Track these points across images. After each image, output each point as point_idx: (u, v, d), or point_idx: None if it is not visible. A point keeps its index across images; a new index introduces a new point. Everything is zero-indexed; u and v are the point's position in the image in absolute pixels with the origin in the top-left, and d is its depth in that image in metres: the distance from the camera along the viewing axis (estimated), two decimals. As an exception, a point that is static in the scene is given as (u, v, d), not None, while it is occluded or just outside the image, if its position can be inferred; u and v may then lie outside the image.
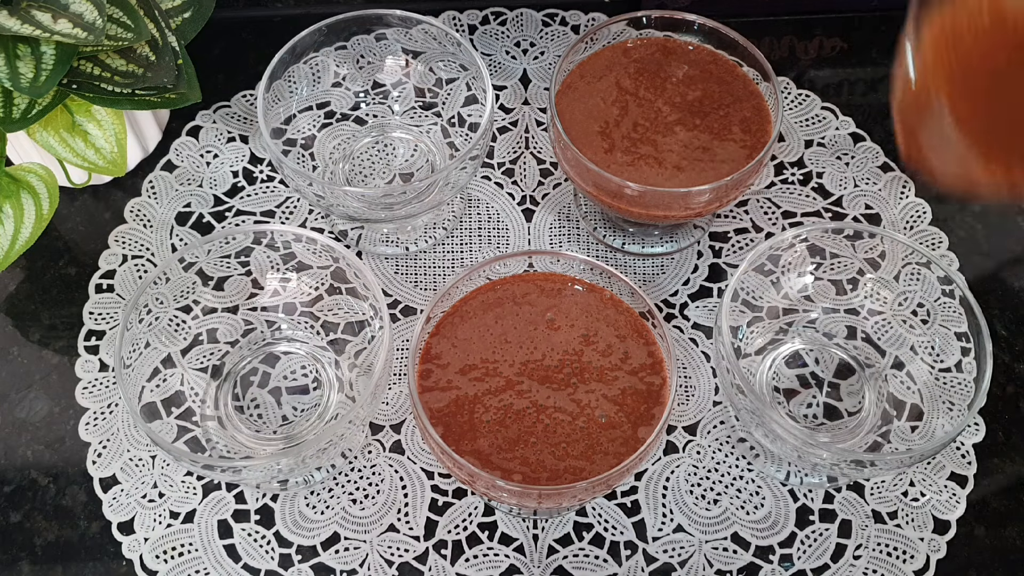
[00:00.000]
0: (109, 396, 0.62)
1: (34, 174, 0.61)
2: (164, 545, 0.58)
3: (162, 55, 0.59)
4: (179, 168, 0.70)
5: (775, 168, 0.70)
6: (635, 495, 0.59)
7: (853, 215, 0.69)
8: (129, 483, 0.59)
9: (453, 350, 0.55)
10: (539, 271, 0.58)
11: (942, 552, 0.58)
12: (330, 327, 0.62)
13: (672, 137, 0.62)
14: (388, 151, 0.70)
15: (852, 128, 0.72)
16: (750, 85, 0.64)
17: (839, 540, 0.58)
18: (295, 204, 0.69)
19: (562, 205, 0.69)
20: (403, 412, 0.62)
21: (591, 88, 0.64)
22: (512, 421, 0.53)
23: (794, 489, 0.59)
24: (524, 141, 0.72)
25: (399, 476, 0.60)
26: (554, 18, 0.77)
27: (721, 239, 0.68)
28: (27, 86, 0.54)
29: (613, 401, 0.54)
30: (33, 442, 0.61)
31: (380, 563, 0.57)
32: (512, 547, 0.58)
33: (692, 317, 0.65)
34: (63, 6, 0.54)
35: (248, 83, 0.74)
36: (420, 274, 0.67)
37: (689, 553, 0.58)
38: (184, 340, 0.60)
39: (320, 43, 0.66)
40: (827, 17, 0.77)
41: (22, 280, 0.67)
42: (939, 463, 0.60)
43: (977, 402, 0.53)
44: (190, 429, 0.58)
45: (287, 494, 0.59)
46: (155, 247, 0.67)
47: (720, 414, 0.62)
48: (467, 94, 0.68)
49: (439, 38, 0.66)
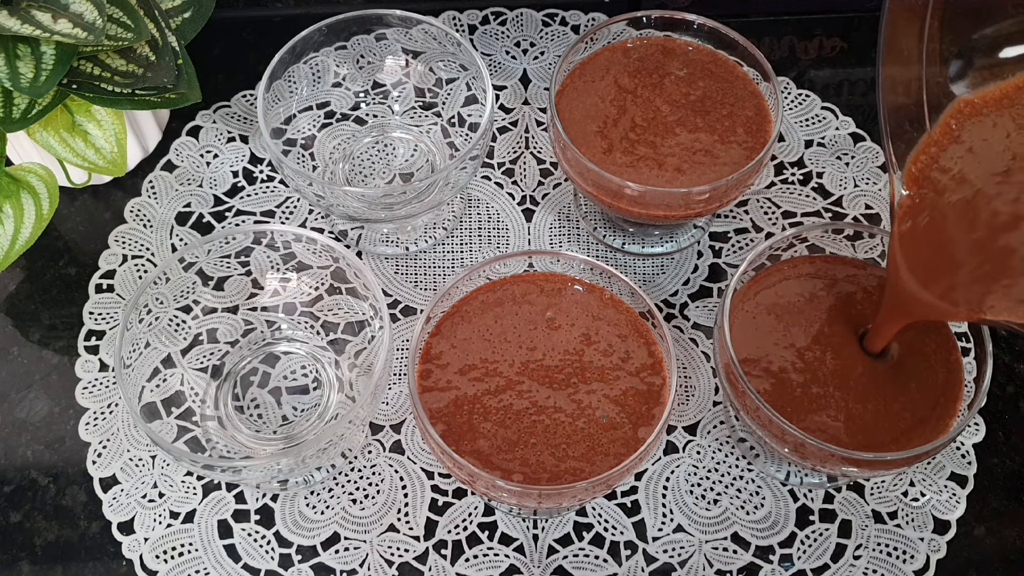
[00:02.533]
0: (109, 396, 0.62)
1: (34, 174, 0.61)
2: (164, 545, 0.58)
3: (162, 55, 0.59)
4: (179, 168, 0.70)
5: (775, 168, 0.70)
6: (635, 495, 0.59)
7: (853, 215, 0.69)
8: (129, 483, 0.59)
9: (453, 350, 0.55)
10: (539, 271, 0.58)
11: (942, 552, 0.58)
12: (330, 327, 0.62)
13: (672, 137, 0.62)
14: (388, 151, 0.70)
15: (852, 128, 0.72)
16: (750, 85, 0.64)
17: (839, 540, 0.58)
18: (295, 204, 0.69)
19: (562, 205, 0.69)
20: (403, 412, 0.62)
21: (591, 88, 0.64)
22: (512, 421, 0.53)
23: (794, 489, 0.59)
24: (524, 141, 0.72)
25: (399, 476, 0.60)
26: (554, 18, 0.77)
27: (721, 239, 0.68)
28: (27, 86, 0.54)
29: (614, 401, 0.54)
30: (33, 442, 0.61)
31: (380, 563, 0.57)
32: (512, 547, 0.58)
33: (692, 317, 0.65)
34: (63, 6, 0.54)
35: (248, 83, 0.74)
36: (420, 274, 0.67)
37: (689, 553, 0.58)
38: (184, 340, 0.60)
39: (320, 43, 0.66)
40: (827, 17, 0.77)
41: (22, 280, 0.67)
42: (939, 463, 0.60)
43: (977, 402, 0.53)
44: (190, 429, 0.58)
45: (287, 494, 0.59)
46: (155, 247, 0.67)
47: (720, 414, 0.62)
48: (467, 94, 0.68)
49: (439, 38, 0.66)
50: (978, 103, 0.50)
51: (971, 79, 0.50)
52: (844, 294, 0.58)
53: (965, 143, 0.50)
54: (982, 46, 0.50)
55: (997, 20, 0.50)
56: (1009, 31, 0.50)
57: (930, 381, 0.55)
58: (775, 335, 0.56)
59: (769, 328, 0.57)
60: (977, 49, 0.50)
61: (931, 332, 0.56)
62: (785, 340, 0.56)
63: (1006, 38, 0.50)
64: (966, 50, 0.50)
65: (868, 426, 0.54)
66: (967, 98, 0.50)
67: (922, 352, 0.56)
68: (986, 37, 0.50)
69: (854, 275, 0.59)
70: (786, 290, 0.58)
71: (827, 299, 0.58)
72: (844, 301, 0.58)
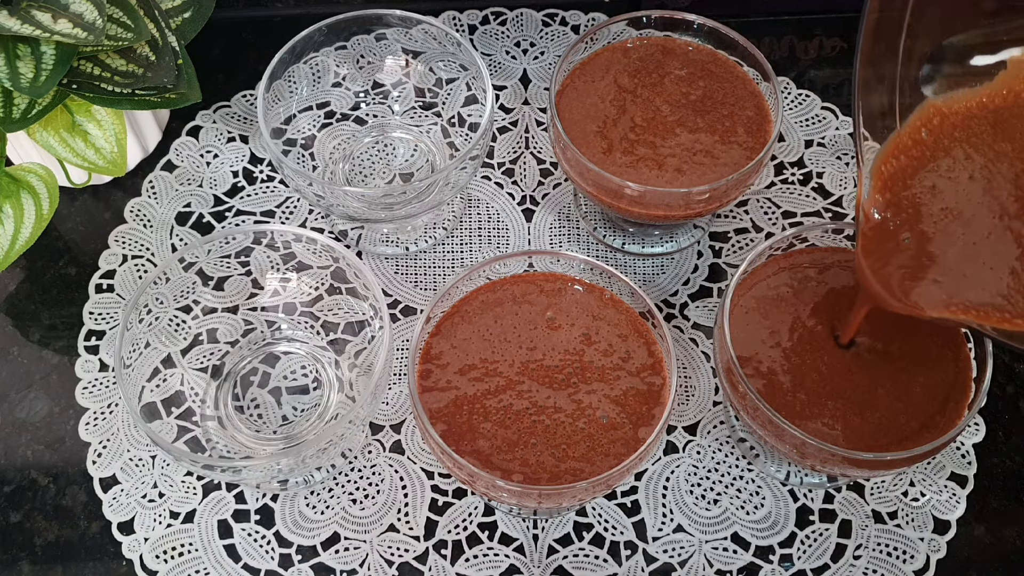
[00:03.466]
0: (109, 396, 0.62)
1: (34, 174, 0.61)
2: (164, 545, 0.58)
3: (162, 55, 0.59)
4: (179, 168, 0.70)
5: (775, 168, 0.70)
6: (635, 495, 0.59)
7: (853, 215, 0.69)
8: (129, 483, 0.59)
9: (453, 350, 0.55)
10: (539, 271, 0.58)
11: (942, 552, 0.58)
12: (330, 327, 0.62)
13: (672, 137, 0.62)
14: (388, 151, 0.70)
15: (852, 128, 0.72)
16: (750, 85, 0.64)
17: (839, 540, 0.58)
18: (295, 204, 0.69)
19: (562, 205, 0.69)
20: (403, 412, 0.62)
21: (591, 88, 0.64)
22: (512, 421, 0.53)
23: (794, 489, 0.59)
24: (524, 141, 0.72)
25: (399, 476, 0.60)
26: (554, 18, 0.77)
27: (721, 239, 0.68)
28: (27, 86, 0.54)
29: (615, 401, 0.54)
30: (33, 442, 0.61)
31: (380, 563, 0.57)
32: (512, 547, 0.58)
33: (692, 317, 0.65)
34: (63, 6, 0.54)
35: (248, 83, 0.74)
36: (420, 274, 0.67)
37: (689, 553, 0.58)
38: (184, 340, 0.60)
39: (320, 43, 0.66)
40: (827, 17, 0.77)
41: (22, 280, 0.67)
42: (939, 463, 0.60)
43: (977, 402, 0.53)
44: (190, 429, 0.58)
45: (287, 494, 0.59)
46: (155, 247, 0.67)
47: (720, 414, 0.62)
48: (467, 94, 0.68)
49: (439, 38, 0.66)
50: (946, 112, 0.51)
51: (940, 84, 0.52)
52: (845, 293, 0.58)
53: (931, 176, 0.52)
54: (951, 53, 0.51)
55: (967, 28, 0.51)
56: (976, 41, 0.51)
57: (937, 380, 0.55)
58: (775, 335, 0.56)
59: (769, 328, 0.57)
60: (947, 54, 0.51)
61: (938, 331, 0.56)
62: (785, 340, 0.56)
63: (974, 47, 0.51)
64: (937, 53, 0.51)
65: (870, 426, 0.54)
66: (936, 103, 0.52)
67: (928, 350, 0.56)
68: (955, 44, 0.51)
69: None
70: (786, 289, 0.58)
71: (828, 298, 0.58)
72: (845, 300, 0.58)
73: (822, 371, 0.55)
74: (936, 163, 0.51)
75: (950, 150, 0.51)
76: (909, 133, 0.52)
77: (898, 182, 0.52)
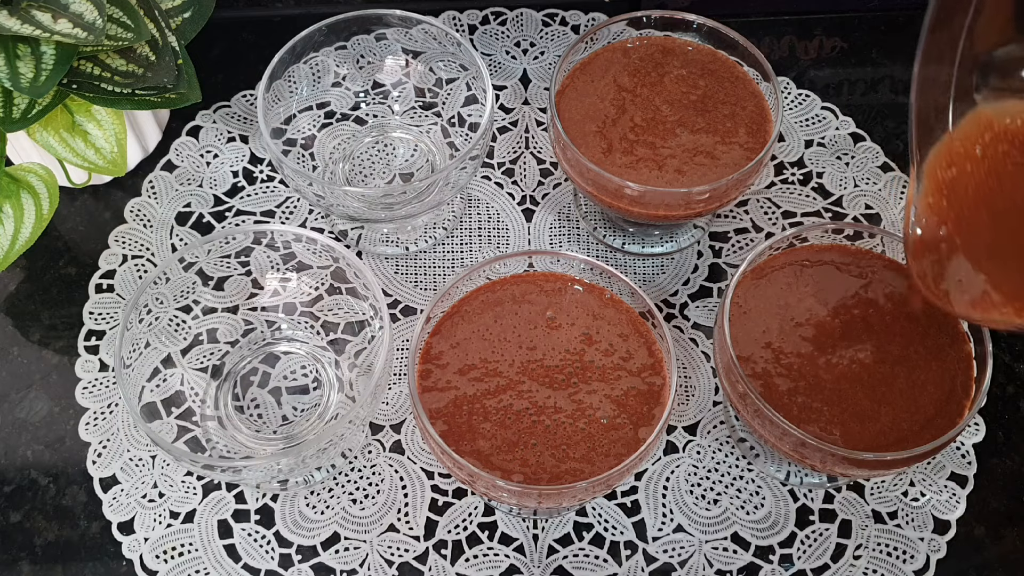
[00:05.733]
0: (109, 396, 0.62)
1: (34, 174, 0.61)
2: (164, 545, 0.58)
3: (162, 55, 0.59)
4: (179, 168, 0.70)
5: (775, 168, 0.70)
6: (635, 495, 0.59)
7: (853, 215, 0.69)
8: (129, 483, 0.59)
9: (453, 350, 0.55)
10: (539, 271, 0.58)
11: (942, 552, 0.58)
12: (330, 327, 0.62)
13: (672, 137, 0.62)
14: (388, 151, 0.70)
15: (852, 128, 0.72)
16: (750, 85, 0.64)
17: (839, 540, 0.58)
18: (295, 204, 0.69)
19: (562, 205, 0.69)
20: (403, 412, 0.62)
21: (591, 88, 0.64)
22: (512, 421, 0.53)
23: (794, 489, 0.59)
24: (524, 141, 0.72)
25: (399, 476, 0.60)
26: (554, 18, 0.77)
27: (721, 239, 0.68)
28: (27, 86, 0.54)
29: (615, 401, 0.54)
30: (33, 442, 0.61)
31: (380, 563, 0.57)
32: (512, 547, 0.58)
33: (692, 317, 0.65)
34: (63, 6, 0.54)
35: (248, 83, 0.74)
36: (420, 274, 0.67)
37: (689, 553, 0.58)
38: (184, 340, 0.60)
39: (320, 43, 0.66)
40: (827, 17, 0.77)
41: (22, 280, 0.67)
42: (939, 463, 0.60)
43: (977, 402, 0.53)
44: (190, 429, 0.58)
45: (287, 494, 0.59)
46: (155, 247, 0.67)
47: (720, 414, 0.62)
48: (467, 94, 0.68)
49: (439, 38, 0.66)
50: (997, 128, 0.51)
51: (988, 92, 0.52)
52: (846, 292, 0.58)
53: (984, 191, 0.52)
54: (1001, 62, 0.51)
55: (1011, 41, 0.51)
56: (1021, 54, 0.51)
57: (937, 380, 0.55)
58: (775, 335, 0.56)
59: (769, 328, 0.57)
60: (996, 63, 0.51)
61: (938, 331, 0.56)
62: (786, 340, 0.56)
63: (1020, 60, 0.51)
64: (988, 61, 0.51)
65: (869, 426, 0.54)
66: (986, 112, 0.52)
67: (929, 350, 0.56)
68: (1005, 55, 0.51)
69: (856, 272, 0.59)
70: (786, 289, 0.58)
71: (828, 298, 0.58)
72: (846, 299, 0.58)
73: (822, 371, 0.55)
74: (988, 186, 0.51)
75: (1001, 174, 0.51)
76: (961, 142, 0.52)
77: (953, 192, 0.52)
